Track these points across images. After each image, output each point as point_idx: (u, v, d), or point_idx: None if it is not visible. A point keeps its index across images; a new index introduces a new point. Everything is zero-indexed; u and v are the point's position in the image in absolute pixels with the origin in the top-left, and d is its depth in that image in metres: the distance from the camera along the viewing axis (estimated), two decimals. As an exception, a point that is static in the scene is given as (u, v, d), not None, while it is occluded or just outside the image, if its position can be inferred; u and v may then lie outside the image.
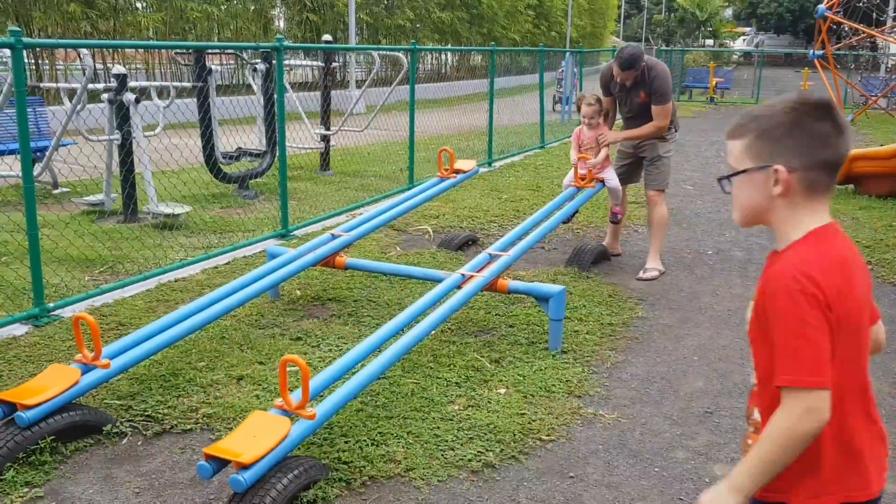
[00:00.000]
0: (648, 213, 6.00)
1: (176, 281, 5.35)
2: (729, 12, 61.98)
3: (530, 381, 3.89)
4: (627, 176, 6.21)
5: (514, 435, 3.38)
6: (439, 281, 4.29)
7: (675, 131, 5.95)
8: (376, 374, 3.33)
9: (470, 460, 3.19)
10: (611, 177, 5.88)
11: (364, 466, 3.10)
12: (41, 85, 9.53)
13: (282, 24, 21.27)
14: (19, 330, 4.40)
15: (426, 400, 3.66)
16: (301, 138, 10.24)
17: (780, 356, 1.56)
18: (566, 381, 3.93)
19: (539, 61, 13.73)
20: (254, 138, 9.53)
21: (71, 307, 4.73)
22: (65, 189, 8.64)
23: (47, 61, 15.85)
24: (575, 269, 5.76)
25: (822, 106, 1.61)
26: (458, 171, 6.16)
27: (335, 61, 10.49)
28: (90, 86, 7.47)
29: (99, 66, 16.13)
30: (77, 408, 3.27)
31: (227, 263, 5.80)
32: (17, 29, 4.17)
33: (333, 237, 4.93)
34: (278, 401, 2.93)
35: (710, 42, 54.98)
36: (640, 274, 5.82)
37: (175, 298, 4.99)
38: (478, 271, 4.32)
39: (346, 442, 3.25)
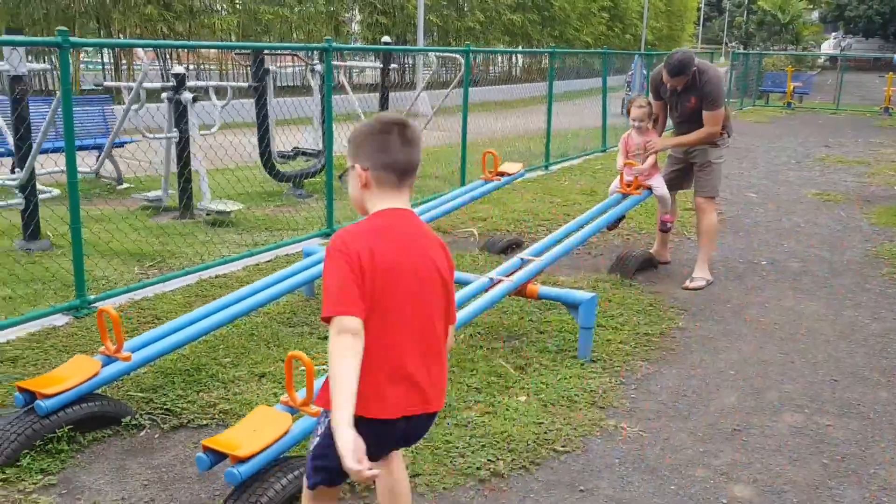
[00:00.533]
0: (697, 221, 5.81)
1: (216, 277, 5.44)
2: (815, 15, 59.88)
3: (553, 390, 3.80)
4: (677, 182, 6.03)
5: (528, 444, 3.30)
6: (468, 284, 4.24)
7: (728, 137, 5.75)
8: None
9: (478, 468, 3.12)
10: (658, 184, 5.72)
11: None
12: (104, 84, 9.84)
13: (355, 26, 21.51)
14: (60, 320, 4.53)
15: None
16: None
17: (323, 297, 1.99)
18: (591, 390, 3.82)
19: (605, 63, 13.51)
20: (310, 138, 9.64)
21: (112, 300, 4.85)
22: (129, 184, 8.91)
23: (125, 61, 16.45)
24: (617, 277, 5.62)
25: (392, 122, 2.09)
26: (502, 174, 6.09)
27: (396, 63, 10.52)
28: (149, 84, 7.69)
29: (173, 66, 16.62)
30: (97, 399, 3.34)
31: (268, 261, 5.87)
32: (65, 29, 4.30)
33: (368, 238, 4.92)
34: (284, 397, 2.92)
35: (792, 46, 53.27)
36: (686, 283, 5.64)
37: (213, 294, 5.06)
38: (507, 276, 4.25)
39: (355, 444, 3.22)
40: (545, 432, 3.41)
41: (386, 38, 10.44)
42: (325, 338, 4.36)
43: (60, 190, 8.28)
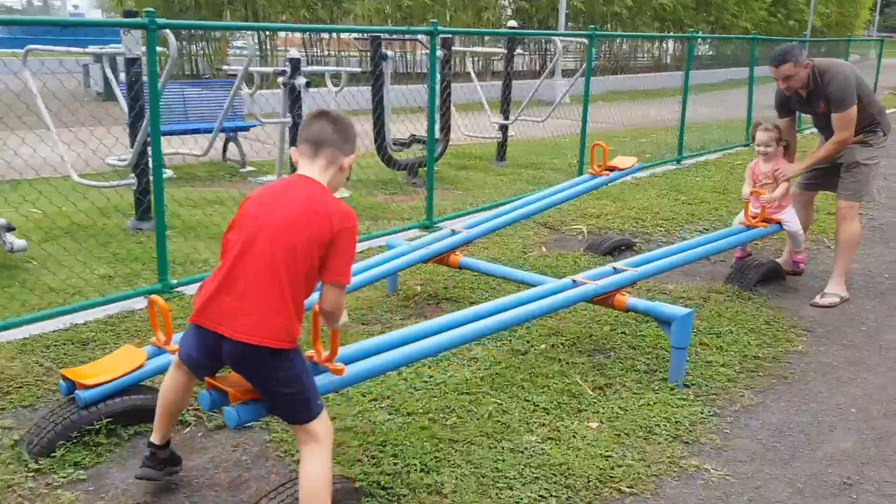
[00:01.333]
0: (836, 229, 5.11)
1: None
2: None
3: (631, 417, 3.36)
4: (819, 183, 5.34)
5: (589, 481, 2.91)
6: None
7: (884, 135, 5.00)
8: (398, 362, 2.97)
9: (526, 504, 2.77)
10: (790, 218, 5.08)
11: (405, 495, 2.78)
12: (223, 68, 10.04)
13: (510, 11, 21.13)
14: (139, 304, 4.53)
15: (502, 426, 3.26)
16: (479, 127, 10.02)
17: None
18: (675, 421, 3.36)
19: (753, 51, 12.48)
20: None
21: (193, 285, 4.81)
22: (252, 168, 9.06)
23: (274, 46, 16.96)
24: (735, 288, 5.03)
25: (324, 111, 2.53)
26: (612, 169, 5.61)
27: (521, 48, 10.12)
28: (261, 69, 7.72)
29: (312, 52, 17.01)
30: (142, 391, 3.23)
31: (360, 252, 5.69)
32: (153, 10, 4.25)
33: (453, 233, 4.63)
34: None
35: None
36: (817, 299, 4.97)
37: (296, 284, 4.93)
38: (596, 280, 3.83)
39: (394, 463, 2.95)
40: (611, 468, 3.00)
41: (512, 23, 10.04)
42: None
43: (174, 171, 8.54)
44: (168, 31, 5.70)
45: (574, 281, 3.79)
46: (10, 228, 5.27)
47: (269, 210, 2.39)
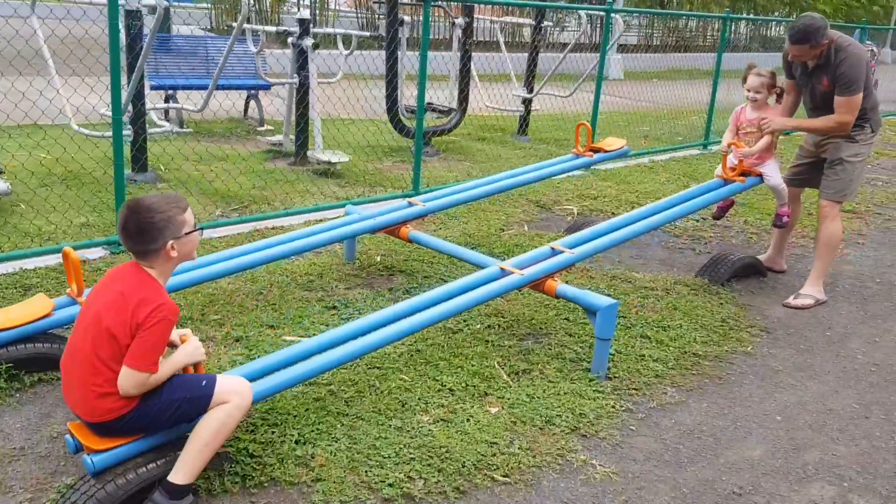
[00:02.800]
0: (817, 228, 4.85)
1: (272, 228, 5.33)
2: None
3: (535, 405, 3.27)
4: (803, 178, 5.07)
5: (464, 466, 2.84)
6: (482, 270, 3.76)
7: (873, 132, 4.70)
8: (319, 370, 2.94)
9: (391, 485, 2.72)
10: (771, 172, 4.79)
11: (272, 465, 2.77)
12: (247, 26, 10.00)
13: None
14: (96, 254, 4.60)
15: (399, 403, 3.22)
16: (502, 99, 9.85)
17: None
18: (580, 413, 3.26)
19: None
20: (445, 94, 9.32)
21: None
22: (269, 127, 9.10)
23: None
24: (705, 281, 4.84)
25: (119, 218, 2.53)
26: (597, 150, 5.43)
27: (548, 20, 9.87)
28: (272, 28, 7.69)
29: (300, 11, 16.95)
30: (50, 340, 3.29)
31: (334, 218, 5.66)
32: (115, -37, 4.26)
33: (410, 205, 4.56)
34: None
35: None
36: (790, 299, 4.75)
37: (258, 246, 4.95)
38: (525, 267, 3.72)
39: (272, 433, 2.94)
40: (493, 454, 2.93)
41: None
42: (334, 307, 4.13)
43: (194, 128, 8.64)
44: None
45: (502, 270, 3.68)
46: (-4, 172, 5.42)
47: (94, 299, 2.50)
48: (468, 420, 3.13)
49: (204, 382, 2.53)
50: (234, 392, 2.54)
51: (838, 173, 4.70)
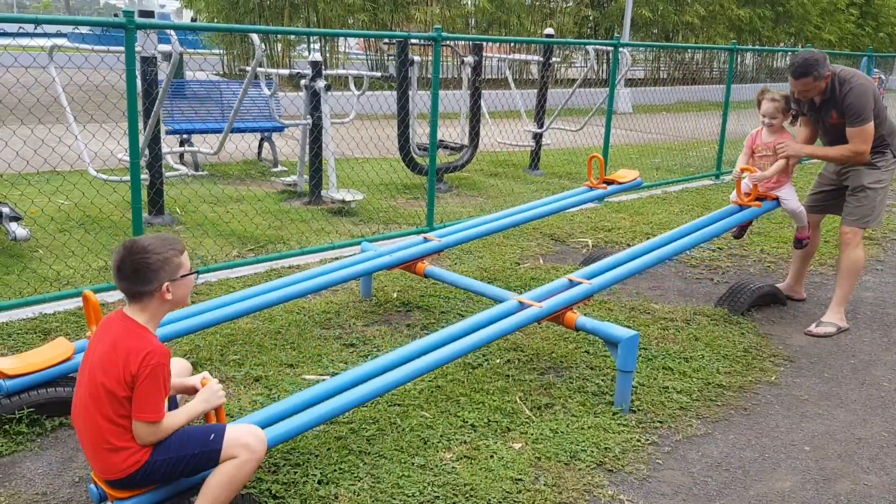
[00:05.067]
0: (839, 255, 4.82)
1: (289, 268, 5.34)
2: None
3: (559, 441, 3.23)
4: (824, 205, 5.05)
5: (489, 503, 2.80)
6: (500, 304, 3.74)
7: (894, 157, 4.69)
8: (339, 410, 2.91)
9: (415, 524, 2.68)
10: (788, 195, 4.78)
11: (295, 505, 2.74)
12: (260, 70, 10.14)
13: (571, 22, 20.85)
14: (113, 297, 4.62)
15: (421, 441, 3.19)
16: (513, 135, 9.91)
17: None
18: (605, 448, 3.21)
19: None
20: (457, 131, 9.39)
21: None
22: (283, 168, 9.18)
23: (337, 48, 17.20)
24: (725, 311, 4.80)
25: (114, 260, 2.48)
26: (610, 182, 5.44)
27: (556, 56, 9.95)
28: (282, 71, 7.78)
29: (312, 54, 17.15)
30: (70, 384, 3.28)
31: (350, 256, 5.67)
32: (131, 10, 4.34)
33: (425, 241, 4.56)
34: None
35: None
36: (811, 327, 4.70)
37: (276, 285, 4.96)
38: (543, 299, 3.70)
39: (294, 473, 2.91)
40: (518, 491, 2.88)
41: (549, 31, 9.88)
42: (352, 345, 4.11)
43: (209, 170, 8.73)
44: (255, 35, 5.81)
45: (520, 303, 3.67)
46: (15, 218, 5.48)
47: (88, 355, 2.48)
48: (492, 457, 3.09)
49: (212, 436, 2.47)
50: (243, 445, 2.47)
51: (861, 200, 4.68)
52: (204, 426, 2.54)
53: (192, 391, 2.65)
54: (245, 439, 2.49)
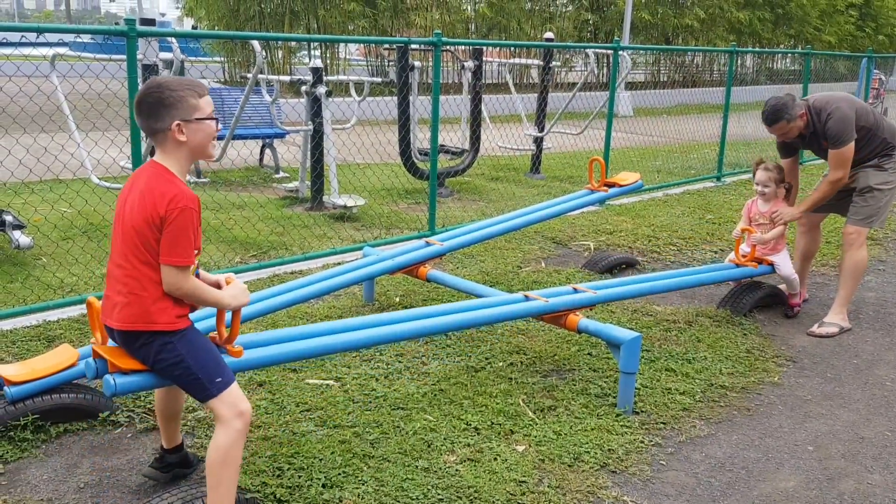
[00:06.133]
0: (842, 255, 4.83)
1: (291, 273, 5.35)
2: None
3: (562, 442, 3.24)
4: (828, 206, 5.05)
5: (493, 506, 2.81)
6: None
7: None
8: (318, 350, 2.95)
9: (420, 526, 2.69)
10: (783, 261, 4.85)
11: (299, 509, 2.75)
12: (261, 77, 10.17)
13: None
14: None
15: (424, 444, 3.19)
16: (514, 139, 9.93)
17: None
18: (609, 449, 3.22)
19: (808, 66, 11.97)
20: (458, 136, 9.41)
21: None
22: (285, 174, 9.21)
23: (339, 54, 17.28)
24: (726, 312, 4.81)
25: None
26: (611, 185, 5.45)
27: (556, 60, 9.99)
28: (283, 77, 7.81)
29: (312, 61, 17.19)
30: (74, 390, 3.30)
31: (352, 261, 5.68)
32: (132, 18, 4.36)
33: (427, 245, 4.58)
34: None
35: None
36: (814, 328, 4.71)
37: (278, 291, 4.97)
38: (545, 298, 3.71)
39: (298, 476, 2.92)
40: (522, 493, 2.89)
41: (549, 35, 9.92)
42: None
43: (211, 177, 8.75)
44: (256, 42, 5.91)
45: (526, 296, 3.68)
46: (18, 226, 5.50)
47: (120, 206, 2.48)
48: (495, 459, 3.10)
49: (218, 379, 2.48)
50: (229, 412, 2.45)
51: (868, 200, 4.70)
52: (220, 362, 2.53)
53: (215, 286, 2.62)
54: (234, 408, 2.46)
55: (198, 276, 2.57)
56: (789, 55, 19.67)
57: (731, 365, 4.11)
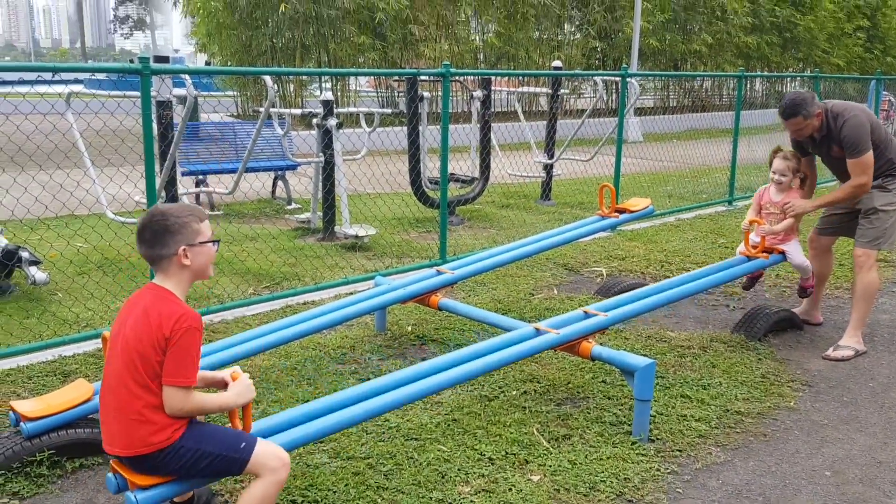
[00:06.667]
0: (853, 278, 4.81)
1: (304, 304, 5.38)
2: None
3: (577, 472, 3.22)
4: (837, 228, 5.05)
5: (508, 537, 2.79)
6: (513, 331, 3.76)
7: None
8: (341, 425, 2.93)
9: (435, 558, 2.68)
10: (794, 250, 4.83)
11: (313, 542, 2.74)
12: (273, 110, 10.29)
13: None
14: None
15: (438, 475, 3.18)
16: (523, 166, 9.98)
17: None
18: (625, 478, 3.19)
19: (818, 89, 12.00)
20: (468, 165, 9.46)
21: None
22: (297, 206, 9.27)
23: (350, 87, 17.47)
24: (741, 337, 4.78)
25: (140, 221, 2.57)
26: (622, 211, 5.46)
27: (564, 88, 10.05)
28: (295, 111, 7.90)
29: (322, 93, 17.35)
30: (90, 425, 3.31)
31: (364, 290, 5.70)
32: (147, 56, 4.44)
33: (438, 273, 4.59)
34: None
35: None
36: (829, 351, 4.67)
37: (292, 322, 4.99)
38: (558, 329, 3.71)
39: (312, 509, 2.92)
40: (537, 524, 2.87)
41: (557, 63, 10.00)
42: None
43: (225, 210, 8.82)
44: (267, 77, 6.02)
45: (536, 329, 3.68)
46: (34, 262, 5.56)
47: (118, 326, 2.51)
48: (510, 490, 3.09)
49: (243, 444, 2.50)
50: (269, 468, 2.50)
51: (873, 222, 4.69)
52: (236, 431, 2.56)
53: (221, 385, 2.65)
54: (272, 463, 2.51)
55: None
56: (798, 78, 19.66)
57: (746, 390, 4.08)
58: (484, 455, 3.34)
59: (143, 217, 2.52)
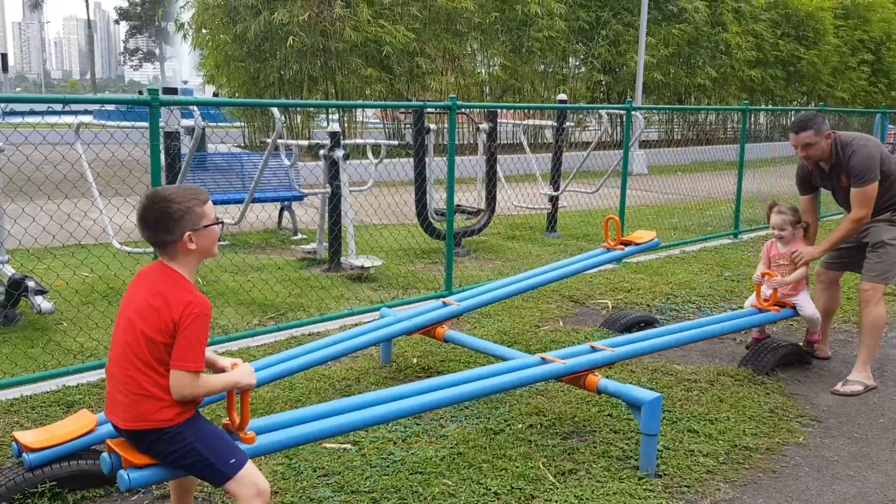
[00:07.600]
0: (860, 313, 4.78)
1: (309, 335, 5.36)
2: None
3: (583, 507, 3.18)
4: (844, 262, 5.04)
5: (514, 574, 2.75)
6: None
7: None
8: (333, 430, 2.93)
9: None
10: (804, 302, 4.83)
11: (317, 577, 2.70)
12: (280, 141, 10.37)
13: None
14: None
15: (443, 509, 3.14)
16: (529, 198, 10.00)
17: None
18: (631, 514, 3.15)
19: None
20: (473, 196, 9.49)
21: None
22: (303, 236, 9.29)
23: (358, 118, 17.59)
24: (748, 371, 4.75)
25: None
26: (627, 243, 5.46)
27: (570, 121, 10.11)
28: (301, 142, 7.94)
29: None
30: (92, 456, 3.29)
31: (369, 322, 5.69)
32: (156, 88, 4.48)
33: (444, 305, 4.58)
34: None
35: None
36: (838, 386, 4.63)
37: (296, 353, 4.97)
38: (565, 360, 3.69)
39: (315, 543, 2.88)
40: (544, 561, 2.83)
41: (562, 96, 10.06)
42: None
43: (231, 240, 8.84)
44: (275, 108, 6.09)
45: (543, 359, 3.66)
46: (40, 291, 5.56)
47: (126, 305, 2.52)
48: (516, 524, 3.05)
49: (232, 461, 2.49)
50: (244, 495, 2.47)
51: (881, 256, 4.67)
52: (232, 444, 2.54)
53: (221, 371, 2.64)
54: (247, 491, 2.48)
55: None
56: (802, 112, 19.65)
57: (754, 425, 4.04)
58: (489, 489, 3.31)
59: (144, 201, 2.48)
